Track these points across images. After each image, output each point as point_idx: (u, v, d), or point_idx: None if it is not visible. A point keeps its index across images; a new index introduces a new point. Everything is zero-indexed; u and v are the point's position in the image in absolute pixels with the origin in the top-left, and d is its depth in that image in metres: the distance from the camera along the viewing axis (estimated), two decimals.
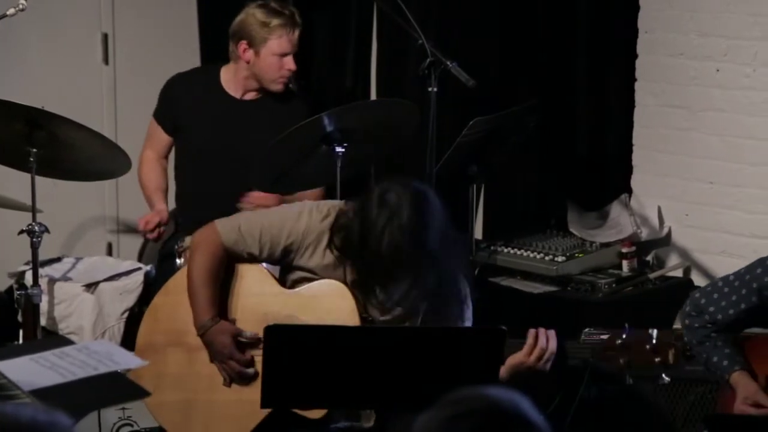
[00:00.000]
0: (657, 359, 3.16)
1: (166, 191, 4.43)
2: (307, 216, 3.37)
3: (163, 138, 4.41)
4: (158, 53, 5.12)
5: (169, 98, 4.38)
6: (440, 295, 3.29)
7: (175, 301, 3.42)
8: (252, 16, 4.22)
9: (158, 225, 4.28)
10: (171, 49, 5.16)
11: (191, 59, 5.10)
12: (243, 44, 4.23)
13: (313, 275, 3.39)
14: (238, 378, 3.36)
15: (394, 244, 3.11)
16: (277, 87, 4.27)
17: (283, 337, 3.03)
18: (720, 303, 3.36)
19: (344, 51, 5.28)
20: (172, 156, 4.48)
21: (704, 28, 4.59)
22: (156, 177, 4.40)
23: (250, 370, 3.35)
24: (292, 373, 3.01)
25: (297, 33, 4.24)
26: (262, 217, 3.42)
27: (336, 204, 3.40)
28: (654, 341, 3.16)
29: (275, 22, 4.20)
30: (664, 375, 3.22)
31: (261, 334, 3.24)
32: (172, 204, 4.49)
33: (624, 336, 3.17)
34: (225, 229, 3.41)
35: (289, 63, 4.23)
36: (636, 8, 4.76)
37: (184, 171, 4.42)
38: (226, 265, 3.42)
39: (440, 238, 3.18)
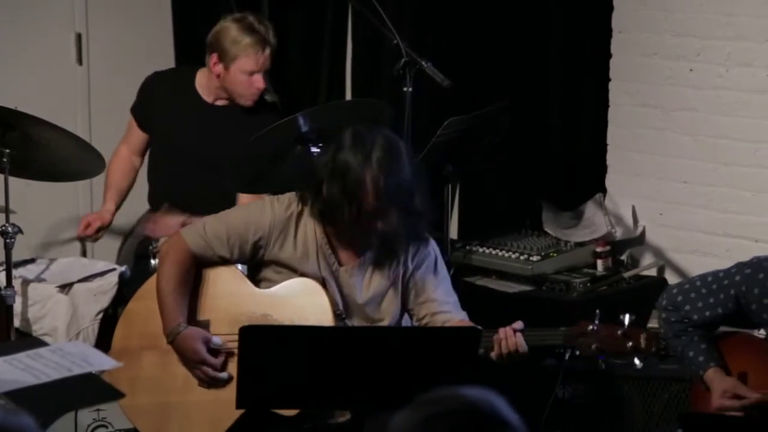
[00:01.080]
0: (629, 344, 3.18)
1: (124, 191, 4.41)
2: (269, 208, 3.41)
3: (138, 134, 4.40)
4: (132, 53, 5.10)
5: (145, 95, 4.38)
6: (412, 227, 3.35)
7: (149, 306, 3.43)
8: (226, 30, 4.19)
9: (99, 228, 4.30)
10: (145, 49, 5.14)
11: (165, 59, 5.08)
12: (214, 57, 4.21)
13: (287, 269, 3.39)
14: (211, 382, 3.35)
15: (373, 177, 3.19)
16: (246, 102, 4.25)
17: (258, 338, 3.03)
18: (696, 303, 3.37)
19: (319, 51, 5.28)
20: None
21: (678, 28, 4.61)
22: (119, 174, 4.39)
23: (224, 374, 3.34)
24: (268, 374, 3.01)
25: (268, 52, 4.19)
26: (226, 218, 3.45)
27: (294, 194, 3.44)
28: (626, 327, 3.19)
29: (246, 41, 4.16)
30: (636, 360, 3.24)
31: (235, 335, 3.25)
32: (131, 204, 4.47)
33: (596, 322, 3.19)
34: (191, 236, 3.43)
35: (258, 81, 4.20)
36: (610, 8, 4.78)
37: (155, 171, 4.42)
38: (199, 268, 3.43)
39: (411, 174, 3.28)
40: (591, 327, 3.21)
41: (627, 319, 3.21)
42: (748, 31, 4.43)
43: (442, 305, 3.40)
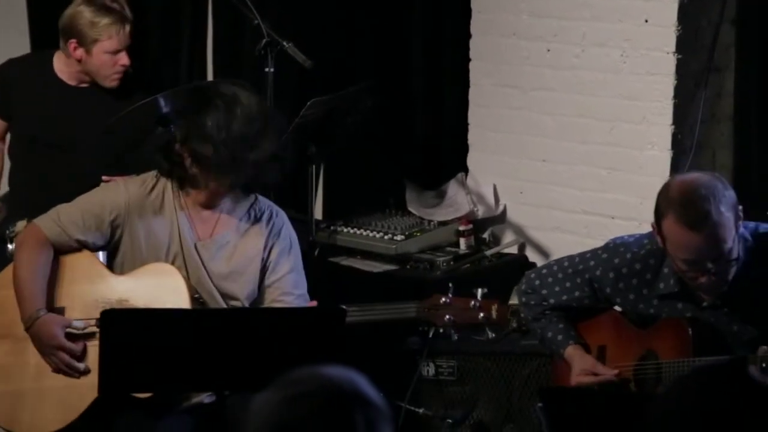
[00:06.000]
0: (481, 315, 3.28)
1: None
2: (123, 187, 3.42)
3: None
4: None
5: (3, 83, 4.26)
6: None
7: (4, 295, 3.39)
8: (80, 14, 4.09)
9: None
10: None
11: (19, 43, 4.96)
12: (73, 43, 4.11)
13: (146, 247, 3.38)
14: (68, 369, 3.31)
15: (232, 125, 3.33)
16: (111, 84, 4.16)
17: (120, 322, 3.01)
18: (554, 287, 3.45)
19: (179, 31, 5.22)
20: None
21: (535, 9, 4.67)
22: None
23: (81, 365, 3.31)
24: (130, 358, 2.99)
25: (128, 28, 4.12)
26: (80, 202, 3.44)
27: (151, 173, 3.45)
28: (478, 299, 3.28)
29: (104, 21, 4.07)
30: (488, 330, 3.35)
31: (91, 322, 3.23)
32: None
33: (449, 295, 3.27)
34: (46, 223, 3.41)
35: (123, 59, 4.12)
36: None
37: (18, 156, 4.32)
38: (56, 256, 3.39)
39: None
40: (444, 299, 3.29)
41: (480, 292, 3.30)
42: (602, 12, 4.52)
43: (283, 294, 3.43)
